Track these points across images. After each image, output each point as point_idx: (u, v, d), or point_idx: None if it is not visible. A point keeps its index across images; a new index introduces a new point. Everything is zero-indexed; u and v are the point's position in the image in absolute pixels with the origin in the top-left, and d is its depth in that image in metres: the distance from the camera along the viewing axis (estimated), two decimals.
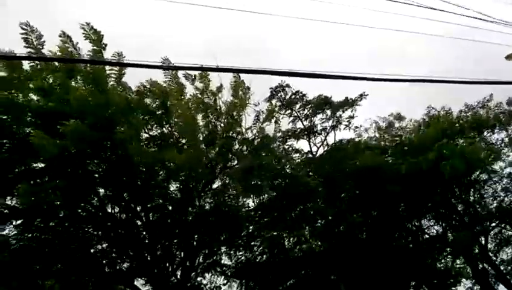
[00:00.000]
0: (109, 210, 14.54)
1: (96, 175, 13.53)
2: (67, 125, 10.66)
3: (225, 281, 17.32)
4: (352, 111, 17.07)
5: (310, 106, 17.33)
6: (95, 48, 12.13)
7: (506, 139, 16.88)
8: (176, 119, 14.30)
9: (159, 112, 14.26)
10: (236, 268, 17.26)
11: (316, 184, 16.04)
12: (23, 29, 11.42)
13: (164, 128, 14.65)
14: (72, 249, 13.40)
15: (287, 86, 17.39)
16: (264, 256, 17.18)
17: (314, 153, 17.63)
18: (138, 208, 15.33)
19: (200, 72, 14.50)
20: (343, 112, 17.18)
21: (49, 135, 10.68)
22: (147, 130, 14.22)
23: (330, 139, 17.64)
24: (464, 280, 18.05)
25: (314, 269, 17.34)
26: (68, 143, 10.83)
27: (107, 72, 12.84)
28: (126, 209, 14.89)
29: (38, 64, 12.12)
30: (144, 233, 15.48)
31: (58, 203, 12.77)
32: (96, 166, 13.12)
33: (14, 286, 11.61)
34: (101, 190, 13.83)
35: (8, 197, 12.02)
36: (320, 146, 17.73)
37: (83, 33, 12.14)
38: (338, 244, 16.14)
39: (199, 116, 15.12)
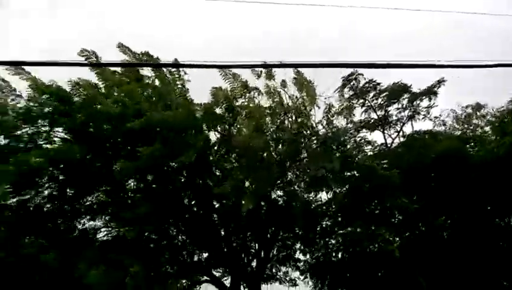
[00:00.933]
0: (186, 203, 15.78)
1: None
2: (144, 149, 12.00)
3: (301, 276, 17.53)
4: (430, 100, 15.67)
5: (384, 94, 16.34)
6: None
7: None
8: (242, 119, 14.82)
9: (227, 116, 14.88)
10: (311, 264, 17.28)
11: (394, 176, 15.21)
12: (84, 55, 12.76)
13: (232, 128, 15.25)
14: (155, 240, 14.89)
15: (360, 74, 16.59)
16: (340, 253, 16.88)
17: (389, 145, 16.66)
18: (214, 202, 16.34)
19: (263, 69, 14.63)
20: (421, 100, 15.85)
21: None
22: (215, 133, 15.00)
23: (406, 130, 16.48)
24: None
25: (393, 267, 16.56)
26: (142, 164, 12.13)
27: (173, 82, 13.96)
28: (203, 204, 15.97)
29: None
30: (220, 226, 16.44)
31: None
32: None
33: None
34: None
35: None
36: (395, 137, 16.69)
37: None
38: (419, 241, 15.21)
39: (266, 114, 15.35)
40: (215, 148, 15.29)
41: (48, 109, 12.89)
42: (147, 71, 15.00)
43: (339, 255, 16.87)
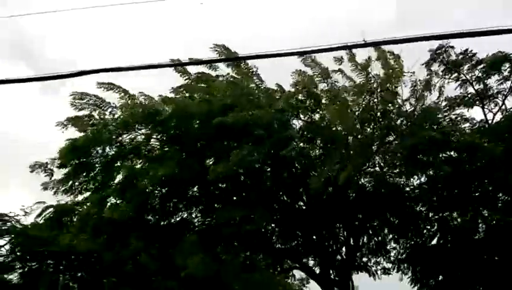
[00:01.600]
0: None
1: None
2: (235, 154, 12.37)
3: (394, 266, 16.67)
4: None
5: (482, 66, 14.79)
6: None
7: None
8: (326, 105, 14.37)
9: (308, 102, 14.50)
10: (407, 253, 16.33)
11: (499, 151, 13.75)
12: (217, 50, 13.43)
13: (315, 114, 14.83)
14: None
15: (451, 47, 15.17)
16: (435, 240, 15.74)
17: (490, 121, 15.10)
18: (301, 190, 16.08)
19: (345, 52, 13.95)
20: None
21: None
22: (297, 119, 14.69)
23: (509, 104, 14.79)
24: None
25: (497, 250, 15.08)
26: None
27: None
28: (290, 193, 15.81)
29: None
30: (308, 214, 16.15)
31: None
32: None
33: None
34: None
35: None
36: (496, 112, 15.08)
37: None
38: None
39: (350, 97, 14.69)
40: (299, 135, 14.94)
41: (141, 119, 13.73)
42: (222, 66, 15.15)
43: (435, 242, 15.78)
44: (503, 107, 15.07)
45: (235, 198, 15.17)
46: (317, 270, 16.38)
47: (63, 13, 9.48)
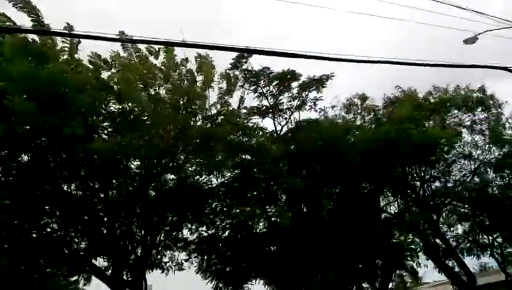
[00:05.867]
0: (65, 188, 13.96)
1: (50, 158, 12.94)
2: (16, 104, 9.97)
3: (187, 257, 17.33)
4: (318, 92, 16.89)
5: (275, 83, 16.98)
6: None
7: (468, 122, 17.54)
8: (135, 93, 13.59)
9: (118, 87, 13.49)
10: (199, 244, 17.23)
11: (282, 154, 16.03)
12: None
13: (124, 104, 13.95)
14: (24, 228, 12.81)
15: (250, 56, 16.66)
16: (227, 232, 17.21)
17: (279, 132, 17.52)
18: (96, 186, 14.82)
19: (164, 46, 13.69)
20: (309, 92, 16.97)
21: None
22: (104, 106, 13.45)
23: (295, 119, 17.52)
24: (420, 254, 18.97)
25: (278, 245, 17.65)
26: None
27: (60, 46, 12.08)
28: (84, 187, 14.33)
29: None
30: (102, 212, 15.02)
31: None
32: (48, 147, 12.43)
33: None
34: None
35: None
36: (284, 124, 17.63)
37: None
38: (301, 221, 16.41)
39: (162, 90, 14.47)
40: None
41: None
42: None
43: (226, 234, 17.21)
44: (290, 121, 17.60)
45: None
46: (109, 272, 15.37)
47: None
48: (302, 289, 18.07)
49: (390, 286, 27.70)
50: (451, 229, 17.95)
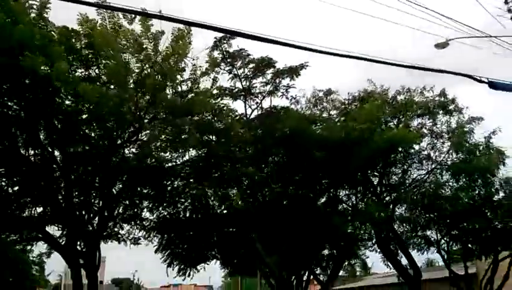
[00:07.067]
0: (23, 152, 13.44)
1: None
2: None
3: (145, 235, 17.21)
4: (291, 80, 16.89)
5: (251, 66, 16.87)
6: None
7: (429, 124, 18.14)
8: (104, 61, 13.10)
9: (86, 52, 12.95)
10: (158, 222, 17.14)
11: (250, 139, 16.13)
12: None
13: (90, 70, 13.43)
14: None
15: (232, 38, 16.43)
16: (188, 213, 17.18)
17: (248, 116, 17.49)
18: (56, 153, 14.35)
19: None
20: (283, 79, 16.95)
21: None
22: (70, 71, 12.86)
23: (266, 104, 17.52)
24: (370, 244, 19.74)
25: (236, 227, 17.85)
26: None
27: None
28: (41, 153, 13.83)
29: None
30: (60, 179, 14.61)
31: None
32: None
33: None
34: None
35: None
36: (254, 109, 17.59)
37: None
38: (261, 206, 16.62)
39: (133, 60, 13.99)
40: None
41: None
42: None
43: (187, 214, 17.19)
44: (261, 106, 17.59)
45: None
46: (63, 241, 15.08)
47: None
48: (257, 271, 18.48)
49: (340, 273, 28.90)
50: (404, 224, 18.64)
